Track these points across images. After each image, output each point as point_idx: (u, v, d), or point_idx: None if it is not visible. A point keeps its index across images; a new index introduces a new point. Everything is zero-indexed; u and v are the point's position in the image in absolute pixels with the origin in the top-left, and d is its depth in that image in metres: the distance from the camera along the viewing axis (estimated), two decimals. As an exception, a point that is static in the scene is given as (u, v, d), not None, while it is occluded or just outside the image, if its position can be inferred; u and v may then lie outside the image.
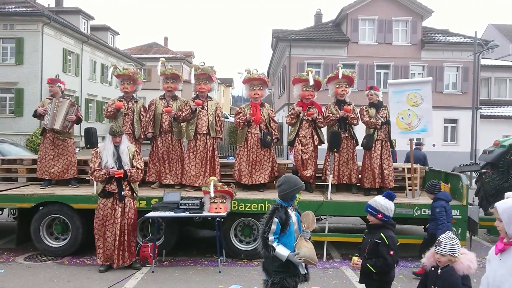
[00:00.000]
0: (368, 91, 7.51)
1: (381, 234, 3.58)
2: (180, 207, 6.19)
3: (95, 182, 6.65)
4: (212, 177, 6.31)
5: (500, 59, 30.64)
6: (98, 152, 6.00)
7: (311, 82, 7.35)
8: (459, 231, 6.60)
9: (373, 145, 7.31)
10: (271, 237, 3.48)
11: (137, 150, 6.28)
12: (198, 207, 6.18)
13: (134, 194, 6.15)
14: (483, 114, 26.01)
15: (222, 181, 7.05)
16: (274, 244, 3.47)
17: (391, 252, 3.51)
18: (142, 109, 7.57)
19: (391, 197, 3.72)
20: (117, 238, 5.88)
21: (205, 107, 7.39)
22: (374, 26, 25.62)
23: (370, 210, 3.71)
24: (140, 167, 6.09)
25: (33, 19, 23.33)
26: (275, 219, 3.49)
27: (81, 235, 6.58)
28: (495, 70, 28.50)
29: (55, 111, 7.03)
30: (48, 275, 5.84)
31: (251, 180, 7.33)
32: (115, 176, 5.81)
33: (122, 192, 5.93)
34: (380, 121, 7.25)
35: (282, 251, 3.47)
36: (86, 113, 28.34)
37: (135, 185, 6.15)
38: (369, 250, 3.67)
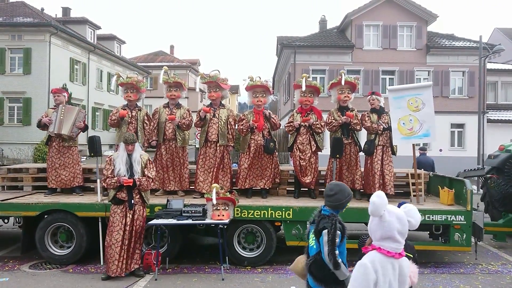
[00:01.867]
0: (369, 96, 7.54)
1: None
2: (183, 214, 6.21)
3: (99, 190, 6.73)
4: (214, 184, 6.33)
5: (506, 63, 30.42)
6: (112, 160, 6.08)
7: (303, 88, 7.37)
8: (464, 236, 6.54)
9: (375, 151, 7.30)
10: (336, 251, 3.31)
11: (150, 159, 6.32)
12: (201, 214, 6.19)
13: (145, 202, 6.20)
14: (490, 118, 25.81)
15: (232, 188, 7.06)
16: (339, 261, 3.29)
17: None
18: (145, 117, 7.63)
19: None
20: (122, 245, 5.91)
21: (216, 115, 7.43)
22: (379, 32, 25.60)
23: None
24: (151, 176, 6.15)
25: (41, 29, 23.63)
26: (338, 232, 3.34)
27: (85, 243, 6.62)
28: (502, 74, 28.31)
29: (61, 117, 7.16)
30: (53, 283, 5.88)
31: (250, 184, 7.37)
32: (125, 184, 5.88)
33: (132, 200, 5.99)
34: (382, 127, 7.25)
35: (344, 270, 3.32)
36: (93, 122, 28.60)
37: (146, 194, 6.21)
38: None
